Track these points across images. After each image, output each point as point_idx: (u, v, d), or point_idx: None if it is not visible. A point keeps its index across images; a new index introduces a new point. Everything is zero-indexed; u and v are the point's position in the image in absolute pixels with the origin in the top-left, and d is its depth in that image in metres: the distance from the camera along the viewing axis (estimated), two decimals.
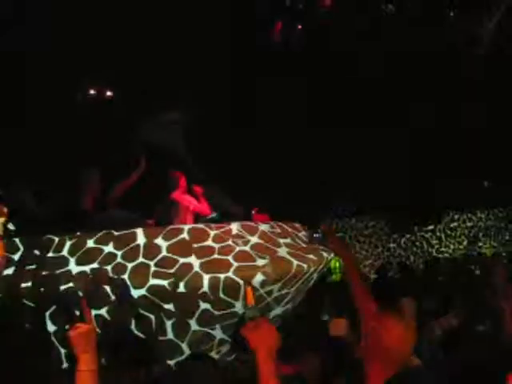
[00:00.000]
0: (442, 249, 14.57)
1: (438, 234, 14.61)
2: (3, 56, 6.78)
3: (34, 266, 3.60)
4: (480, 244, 14.82)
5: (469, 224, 14.89)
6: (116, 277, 3.51)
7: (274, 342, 2.19)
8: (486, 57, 8.85)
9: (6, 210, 3.29)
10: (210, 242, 3.73)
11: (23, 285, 3.51)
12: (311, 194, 10.27)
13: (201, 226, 3.97)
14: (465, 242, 14.76)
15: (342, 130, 9.83)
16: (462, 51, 8.80)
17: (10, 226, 3.71)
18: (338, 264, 12.18)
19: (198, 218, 5.19)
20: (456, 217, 14.79)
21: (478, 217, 14.96)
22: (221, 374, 2.97)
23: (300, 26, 8.12)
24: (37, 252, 3.66)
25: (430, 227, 14.52)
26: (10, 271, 3.62)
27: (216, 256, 3.64)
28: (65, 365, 3.56)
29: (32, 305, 3.53)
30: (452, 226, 14.76)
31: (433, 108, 10.13)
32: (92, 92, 7.92)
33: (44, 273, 3.58)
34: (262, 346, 2.15)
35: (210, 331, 3.75)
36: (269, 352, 2.15)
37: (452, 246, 14.64)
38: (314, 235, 4.61)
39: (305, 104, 9.28)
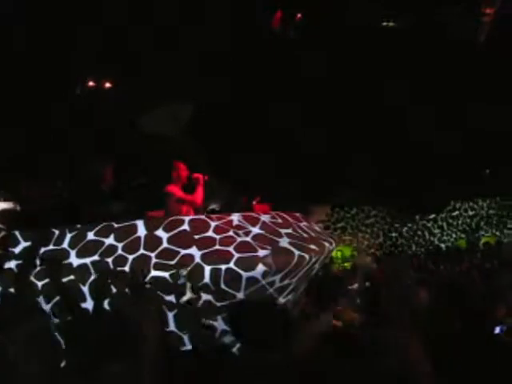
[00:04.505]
0: (444, 238, 14.58)
1: (439, 222, 14.61)
2: None
3: (36, 260, 3.60)
4: (482, 233, 14.82)
5: (470, 213, 14.87)
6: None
7: None
8: None
9: None
10: (210, 233, 3.70)
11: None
12: (311, 184, 10.24)
13: (202, 217, 3.94)
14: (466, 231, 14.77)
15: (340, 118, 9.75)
16: None
17: None
18: (339, 254, 12.19)
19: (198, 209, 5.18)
20: (457, 205, 14.77)
21: (480, 205, 14.94)
22: None
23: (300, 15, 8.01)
24: (39, 245, 3.65)
25: (432, 216, 14.52)
26: (11, 265, 3.63)
27: (217, 247, 3.61)
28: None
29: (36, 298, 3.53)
30: (454, 214, 14.75)
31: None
32: (91, 84, 7.86)
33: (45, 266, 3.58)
34: None
35: (211, 322, 3.74)
36: None
37: (454, 235, 14.64)
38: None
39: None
